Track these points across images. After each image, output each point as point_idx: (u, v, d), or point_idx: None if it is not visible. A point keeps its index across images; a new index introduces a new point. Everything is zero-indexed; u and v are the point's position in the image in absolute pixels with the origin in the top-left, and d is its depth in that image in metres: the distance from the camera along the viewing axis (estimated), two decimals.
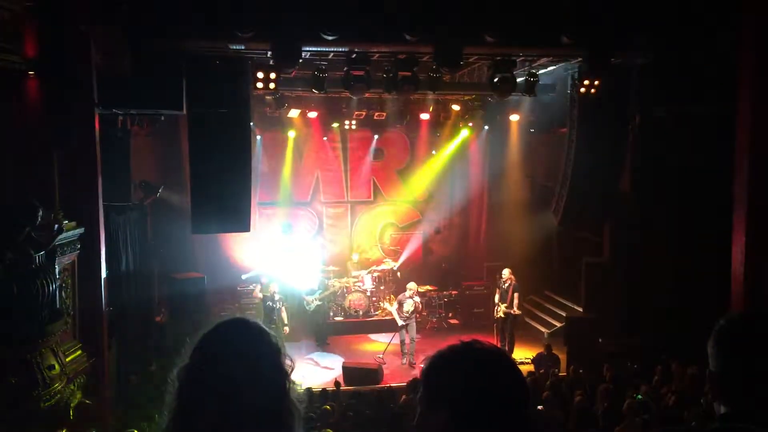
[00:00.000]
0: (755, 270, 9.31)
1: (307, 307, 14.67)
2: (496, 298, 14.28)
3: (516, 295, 13.89)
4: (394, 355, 14.09)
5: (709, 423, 2.03)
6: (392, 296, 16.27)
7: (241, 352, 1.79)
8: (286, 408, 1.81)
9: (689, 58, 11.28)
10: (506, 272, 14.15)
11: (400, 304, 13.85)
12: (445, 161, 18.33)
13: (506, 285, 13.99)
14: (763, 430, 1.86)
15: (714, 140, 11.69)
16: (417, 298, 13.99)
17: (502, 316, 13.96)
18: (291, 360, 1.88)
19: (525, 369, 12.68)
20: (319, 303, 14.88)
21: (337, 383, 11.21)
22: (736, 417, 1.92)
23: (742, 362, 1.94)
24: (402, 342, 13.91)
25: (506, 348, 13.57)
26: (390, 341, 14.16)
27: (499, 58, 11.52)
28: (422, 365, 1.82)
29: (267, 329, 1.88)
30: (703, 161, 12.13)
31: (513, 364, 1.78)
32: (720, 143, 11.04)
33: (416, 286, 14.27)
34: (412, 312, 13.80)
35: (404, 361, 13.80)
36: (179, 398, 1.78)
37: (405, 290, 14.09)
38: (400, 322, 13.73)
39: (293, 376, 1.87)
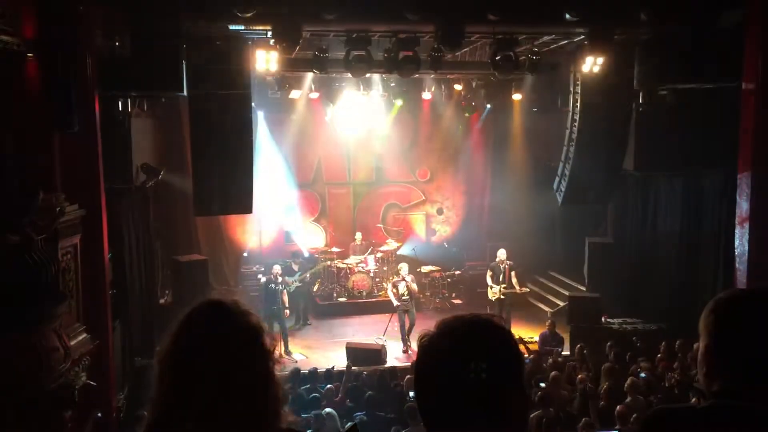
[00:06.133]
0: (759, 248, 9.29)
1: (287, 288, 14.73)
2: (488, 279, 13.99)
3: (514, 273, 13.76)
4: (395, 335, 13.68)
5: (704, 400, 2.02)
6: (395, 277, 16.29)
7: (217, 334, 1.74)
8: (270, 389, 1.76)
9: (693, 35, 11.16)
10: (503, 254, 13.97)
11: (395, 286, 13.69)
12: (447, 141, 18.28)
13: (502, 266, 13.83)
14: (754, 407, 1.85)
15: (717, 117, 11.64)
16: (409, 279, 13.66)
17: (501, 297, 13.70)
18: (272, 338, 1.82)
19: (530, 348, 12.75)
20: (299, 285, 14.88)
21: (348, 365, 11.25)
22: (727, 394, 1.91)
23: (736, 339, 1.93)
24: (402, 326, 13.53)
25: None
26: (389, 323, 13.75)
27: (501, 36, 11.39)
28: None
29: (244, 309, 1.82)
30: (706, 139, 12.09)
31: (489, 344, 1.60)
32: (724, 120, 10.99)
33: (407, 266, 14.01)
34: (408, 294, 13.49)
35: (404, 348, 13.37)
36: (161, 385, 1.74)
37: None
38: (395, 303, 13.51)
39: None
